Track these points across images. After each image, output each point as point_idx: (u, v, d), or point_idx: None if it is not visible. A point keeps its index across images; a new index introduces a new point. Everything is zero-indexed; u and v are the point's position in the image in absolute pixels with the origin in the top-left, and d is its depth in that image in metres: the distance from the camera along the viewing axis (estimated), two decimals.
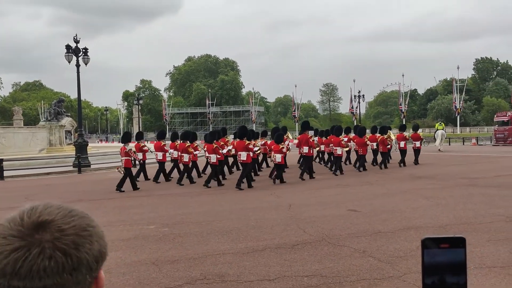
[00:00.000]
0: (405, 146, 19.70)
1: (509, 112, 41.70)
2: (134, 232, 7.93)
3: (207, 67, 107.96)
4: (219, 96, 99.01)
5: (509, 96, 61.50)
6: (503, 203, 9.61)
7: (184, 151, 15.51)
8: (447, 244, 0.89)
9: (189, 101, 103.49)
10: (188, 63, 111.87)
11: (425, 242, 0.90)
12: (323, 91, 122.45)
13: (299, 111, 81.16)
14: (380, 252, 6.18)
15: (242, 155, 14.01)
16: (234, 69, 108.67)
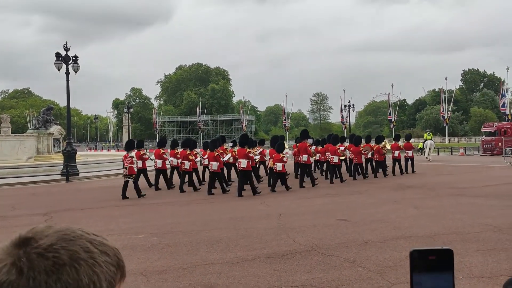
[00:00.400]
0: (399, 155, 20.20)
1: (496, 123, 42.27)
2: (122, 241, 7.83)
3: (198, 75, 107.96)
4: (210, 105, 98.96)
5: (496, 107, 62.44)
6: (491, 213, 9.69)
7: (185, 159, 15.74)
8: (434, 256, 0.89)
9: (180, 110, 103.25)
10: (179, 71, 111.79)
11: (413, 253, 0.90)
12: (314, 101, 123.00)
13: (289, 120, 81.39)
14: (369, 262, 6.18)
15: (243, 162, 14.21)
16: (225, 78, 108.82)
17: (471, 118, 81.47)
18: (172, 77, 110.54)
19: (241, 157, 14.45)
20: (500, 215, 9.39)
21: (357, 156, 18.47)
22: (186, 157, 15.77)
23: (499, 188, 14.34)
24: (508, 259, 6.19)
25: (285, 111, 78.85)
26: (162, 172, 16.62)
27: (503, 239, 7.30)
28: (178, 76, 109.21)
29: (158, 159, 16.72)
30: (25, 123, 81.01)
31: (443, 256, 0.89)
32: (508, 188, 14.13)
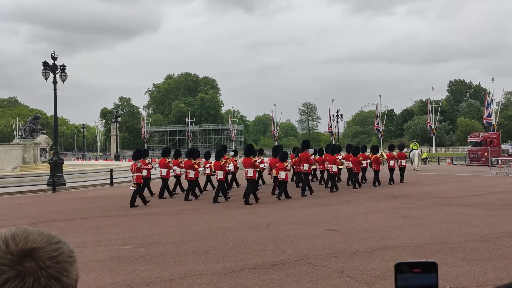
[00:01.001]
0: (394, 165, 20.86)
1: (482, 133, 42.86)
2: (109, 253, 7.74)
3: (187, 85, 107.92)
4: (199, 114, 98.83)
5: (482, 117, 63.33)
6: (477, 223, 9.78)
7: (190, 168, 16.10)
8: (419, 268, 0.90)
9: (168, 119, 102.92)
10: (168, 81, 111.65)
11: (398, 266, 0.90)
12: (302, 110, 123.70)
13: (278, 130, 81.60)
14: (358, 272, 6.18)
15: (249, 171, 14.58)
16: (214, 88, 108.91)
17: (457, 128, 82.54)
18: (160, 86, 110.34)
19: (247, 166, 14.77)
20: (486, 225, 9.49)
21: (356, 165, 18.99)
22: (191, 167, 16.13)
23: (485, 197, 14.50)
24: (494, 268, 6.25)
25: (274, 121, 79.10)
26: (166, 180, 16.96)
27: (490, 249, 7.37)
28: (167, 86, 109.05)
29: (163, 168, 17.03)
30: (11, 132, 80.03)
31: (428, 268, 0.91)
32: (494, 198, 14.29)
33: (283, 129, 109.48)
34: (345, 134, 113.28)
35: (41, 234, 0.87)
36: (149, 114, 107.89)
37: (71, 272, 0.85)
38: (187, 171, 16.15)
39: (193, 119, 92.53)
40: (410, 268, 0.90)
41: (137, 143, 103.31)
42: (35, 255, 0.82)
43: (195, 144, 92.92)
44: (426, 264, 0.91)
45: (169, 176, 17.11)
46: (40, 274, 0.80)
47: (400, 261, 0.90)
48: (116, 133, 73.70)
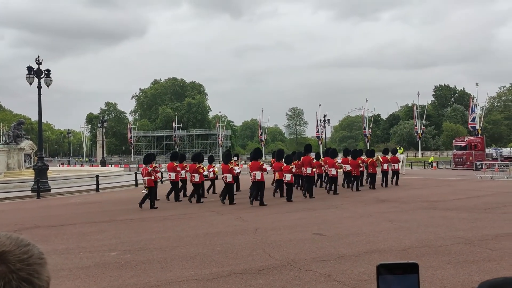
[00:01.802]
0: (387, 168, 21.76)
1: (467, 137, 43.48)
2: (94, 259, 7.65)
3: (174, 90, 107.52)
4: (186, 120, 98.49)
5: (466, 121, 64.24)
6: (462, 226, 9.89)
7: (195, 172, 16.60)
8: (401, 270, 0.90)
9: (155, 124, 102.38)
10: (155, 86, 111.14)
11: (379, 268, 0.91)
12: (290, 115, 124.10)
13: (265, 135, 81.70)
14: (345, 276, 6.20)
15: (257, 174, 15.18)
16: (201, 93, 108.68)
17: (443, 132, 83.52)
18: (147, 91, 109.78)
19: (255, 169, 15.36)
20: (471, 228, 9.60)
21: (355, 169, 19.71)
22: (196, 170, 16.61)
23: (470, 201, 14.68)
24: (479, 271, 6.32)
25: (261, 126, 79.19)
26: (174, 184, 17.43)
27: (474, 252, 7.45)
28: (153, 91, 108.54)
29: (171, 172, 17.41)
30: None
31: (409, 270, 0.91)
32: (479, 201, 14.48)
33: (271, 134, 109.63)
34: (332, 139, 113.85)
35: (9, 238, 0.87)
36: (135, 119, 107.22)
37: (42, 274, 0.85)
38: (192, 175, 16.62)
39: (180, 124, 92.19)
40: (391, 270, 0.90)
41: (123, 148, 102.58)
42: (5, 258, 0.82)
43: (182, 149, 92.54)
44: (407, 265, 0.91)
45: (178, 180, 17.51)
46: (11, 277, 0.79)
47: (382, 263, 0.90)
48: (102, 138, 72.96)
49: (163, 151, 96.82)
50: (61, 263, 7.39)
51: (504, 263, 6.73)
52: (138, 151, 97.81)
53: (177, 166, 17.59)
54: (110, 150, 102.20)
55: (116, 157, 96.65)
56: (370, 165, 20.66)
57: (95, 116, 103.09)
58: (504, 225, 9.95)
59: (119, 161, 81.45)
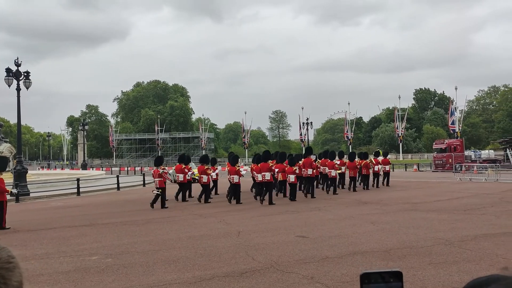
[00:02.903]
0: (378, 170, 22.49)
1: (447, 140, 44.22)
2: (75, 264, 7.52)
3: (156, 92, 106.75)
4: (169, 122, 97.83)
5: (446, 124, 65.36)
6: (442, 227, 10.05)
7: (203, 173, 17.29)
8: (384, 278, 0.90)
9: (138, 127, 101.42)
10: (137, 88, 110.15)
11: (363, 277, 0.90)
12: (273, 118, 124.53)
13: (249, 138, 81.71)
14: (327, 278, 6.22)
15: (267, 175, 16.16)
16: (184, 95, 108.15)
17: (423, 135, 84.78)
18: (129, 94, 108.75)
19: (264, 170, 16.25)
20: (451, 229, 9.76)
21: (353, 170, 20.50)
22: (204, 172, 17.33)
23: (449, 202, 14.92)
24: (459, 271, 6.42)
25: (244, 129, 79.19)
26: (182, 185, 18.06)
27: (454, 252, 7.57)
28: (136, 93, 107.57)
29: (179, 174, 18.02)
30: None
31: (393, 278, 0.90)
32: (458, 203, 14.73)
33: (254, 136, 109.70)
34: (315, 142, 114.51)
35: None
36: (117, 122, 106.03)
37: (10, 279, 0.82)
38: (201, 176, 17.32)
39: (162, 127, 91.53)
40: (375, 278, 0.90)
41: (105, 151, 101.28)
42: None
43: (165, 152, 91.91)
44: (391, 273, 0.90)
45: (186, 181, 18.12)
46: None
47: (365, 271, 0.89)
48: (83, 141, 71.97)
49: (145, 154, 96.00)
50: (40, 268, 7.25)
51: (483, 263, 6.85)
52: (120, 154, 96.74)
53: (185, 168, 18.19)
54: (91, 153, 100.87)
55: (97, 160, 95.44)
56: (364, 167, 21.26)
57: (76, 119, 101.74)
58: (482, 226, 10.14)
59: (100, 164, 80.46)
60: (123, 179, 29.75)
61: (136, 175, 40.22)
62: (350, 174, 20.46)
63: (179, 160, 19.01)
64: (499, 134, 79.48)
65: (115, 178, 27.16)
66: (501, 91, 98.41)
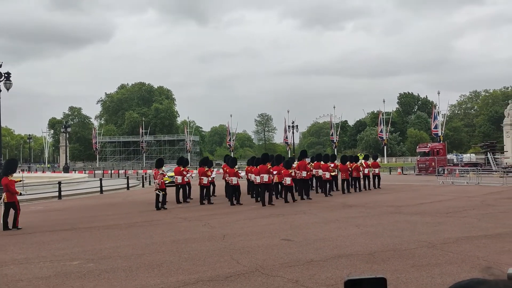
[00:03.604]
0: (368, 172, 23.34)
1: (430, 144, 44.80)
2: (55, 269, 7.37)
3: (141, 95, 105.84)
4: (153, 125, 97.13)
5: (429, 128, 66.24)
6: (426, 230, 10.14)
7: (204, 175, 17.81)
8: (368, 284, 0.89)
9: (122, 130, 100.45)
10: (121, 90, 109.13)
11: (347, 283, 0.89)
12: (258, 121, 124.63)
13: (234, 141, 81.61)
14: (312, 281, 6.21)
15: (265, 177, 16.56)
16: (169, 98, 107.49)
17: (407, 139, 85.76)
18: (113, 96, 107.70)
19: (263, 172, 16.66)
20: (434, 232, 9.85)
21: (345, 173, 21.11)
22: (204, 174, 17.86)
23: (432, 205, 15.09)
24: (441, 274, 6.47)
25: (230, 132, 79.06)
26: (182, 187, 18.53)
27: (437, 255, 7.64)
28: (120, 95, 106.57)
29: (178, 176, 18.48)
30: None
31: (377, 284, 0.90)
32: (441, 206, 14.91)
33: (239, 139, 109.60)
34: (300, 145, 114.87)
35: None
36: (101, 125, 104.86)
37: None
38: (201, 178, 17.76)
39: (147, 130, 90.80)
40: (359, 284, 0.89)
41: (88, 154, 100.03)
42: None
43: (150, 155, 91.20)
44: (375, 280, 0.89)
45: (185, 182, 18.57)
46: None
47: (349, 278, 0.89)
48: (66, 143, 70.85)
49: (129, 157, 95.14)
50: (19, 273, 7.09)
51: (464, 265, 6.92)
52: (103, 157, 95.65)
53: (184, 170, 18.59)
54: (74, 156, 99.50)
55: (80, 163, 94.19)
56: (355, 170, 21.84)
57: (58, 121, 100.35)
58: (464, 228, 10.26)
59: (83, 167, 79.42)
60: (107, 182, 29.38)
61: (120, 178, 39.80)
62: (342, 177, 21.06)
63: (178, 163, 19.52)
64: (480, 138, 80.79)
65: (98, 181, 26.81)
66: (482, 96, 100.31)
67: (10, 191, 12.26)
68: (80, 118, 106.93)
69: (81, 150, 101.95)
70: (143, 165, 79.82)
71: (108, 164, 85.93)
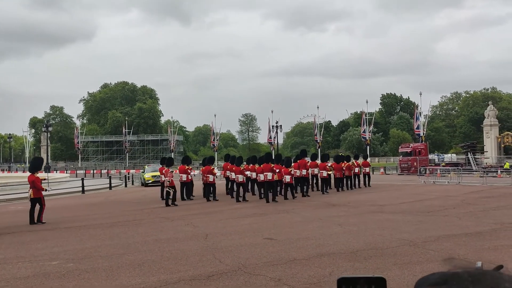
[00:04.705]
0: (359, 172, 24.14)
1: (412, 144, 45.36)
2: (34, 269, 7.22)
3: (124, 94, 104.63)
4: (137, 124, 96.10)
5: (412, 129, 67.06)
6: (407, 228, 10.24)
7: (209, 173, 19.01)
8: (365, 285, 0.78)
9: (105, 129, 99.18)
10: (104, 89, 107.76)
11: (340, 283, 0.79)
12: (242, 121, 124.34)
13: (218, 141, 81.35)
14: (294, 280, 6.21)
15: (268, 175, 17.40)
16: (153, 97, 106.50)
17: (390, 139, 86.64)
18: (96, 95, 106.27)
19: (267, 170, 17.54)
20: (415, 230, 9.96)
21: (338, 171, 21.96)
22: (210, 172, 19.04)
23: (414, 204, 15.26)
24: (422, 271, 6.52)
25: (214, 131, 78.77)
26: (186, 184, 19.23)
27: (418, 253, 7.71)
28: (103, 95, 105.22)
29: (182, 174, 19.25)
30: None
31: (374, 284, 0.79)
32: (422, 205, 15.09)
33: (223, 139, 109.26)
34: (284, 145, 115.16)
35: None
36: (83, 124, 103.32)
37: None
38: (207, 175, 18.90)
39: (130, 129, 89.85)
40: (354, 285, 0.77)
41: (70, 154, 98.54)
42: None
43: (133, 154, 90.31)
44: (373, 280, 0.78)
45: (189, 180, 19.35)
46: None
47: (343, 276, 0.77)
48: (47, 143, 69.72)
49: (112, 156, 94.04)
50: None
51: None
52: (86, 157, 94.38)
53: (188, 169, 19.45)
54: (56, 155, 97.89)
55: (62, 163, 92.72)
56: (346, 169, 22.63)
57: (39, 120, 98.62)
58: (445, 227, 10.40)
59: (65, 167, 78.22)
60: (88, 182, 29.00)
61: (102, 178, 39.31)
62: (336, 175, 21.86)
63: (182, 162, 20.83)
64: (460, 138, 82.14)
65: (79, 181, 26.44)
66: (462, 97, 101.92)
67: (37, 188, 13.07)
68: (62, 117, 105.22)
69: (63, 150, 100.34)
70: (126, 165, 79.00)
71: (91, 164, 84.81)
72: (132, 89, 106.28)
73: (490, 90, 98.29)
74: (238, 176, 18.01)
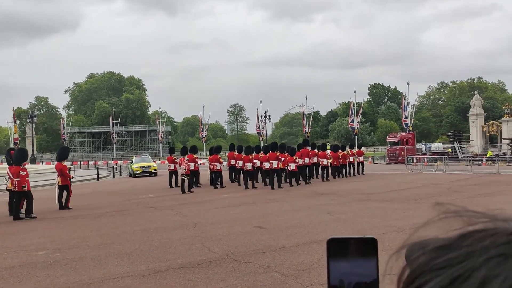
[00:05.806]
0: (353, 160, 25.28)
1: (399, 133, 45.70)
2: (20, 259, 7.13)
3: (111, 85, 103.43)
4: (124, 115, 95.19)
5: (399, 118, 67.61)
6: (395, 216, 10.33)
7: (217, 161, 20.25)
8: (355, 245, 0.76)
9: (91, 120, 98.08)
10: (90, 80, 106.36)
11: (330, 244, 0.76)
12: (231, 112, 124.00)
13: (206, 131, 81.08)
14: (284, 267, 6.21)
15: (274, 163, 18.40)
16: (140, 88, 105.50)
17: (378, 129, 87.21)
18: (82, 86, 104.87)
19: (272, 159, 18.47)
20: (403, 217, 10.04)
21: (336, 160, 22.84)
22: (217, 160, 20.34)
23: (401, 193, 15.40)
24: None
25: (202, 122, 78.46)
26: (195, 173, 20.05)
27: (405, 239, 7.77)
28: (89, 85, 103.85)
29: (191, 163, 19.94)
30: None
31: (365, 244, 0.77)
32: (410, 193, 15.23)
33: (212, 130, 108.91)
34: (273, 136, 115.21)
35: None
36: (69, 115, 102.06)
37: None
38: (214, 164, 20.08)
39: (118, 120, 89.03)
40: (345, 247, 0.75)
41: (56, 145, 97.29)
42: None
43: (121, 145, 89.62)
44: (364, 241, 0.76)
45: (197, 169, 20.42)
46: None
47: (333, 237, 0.75)
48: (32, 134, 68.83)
49: (99, 147, 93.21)
50: None
51: None
52: (72, 148, 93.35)
53: (196, 158, 20.72)
54: (41, 147, 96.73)
55: (48, 154, 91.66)
56: (342, 158, 23.58)
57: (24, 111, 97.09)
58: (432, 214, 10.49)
59: (51, 159, 77.38)
60: (75, 173, 28.68)
61: (90, 169, 38.97)
62: (333, 164, 22.63)
63: (190, 151, 21.55)
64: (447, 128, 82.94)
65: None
66: (449, 87, 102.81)
67: (64, 175, 13.82)
68: (47, 108, 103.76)
69: (48, 141, 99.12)
70: (114, 156, 78.39)
71: (77, 155, 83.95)
72: (119, 79, 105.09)
73: (476, 80, 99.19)
74: (247, 164, 18.88)
